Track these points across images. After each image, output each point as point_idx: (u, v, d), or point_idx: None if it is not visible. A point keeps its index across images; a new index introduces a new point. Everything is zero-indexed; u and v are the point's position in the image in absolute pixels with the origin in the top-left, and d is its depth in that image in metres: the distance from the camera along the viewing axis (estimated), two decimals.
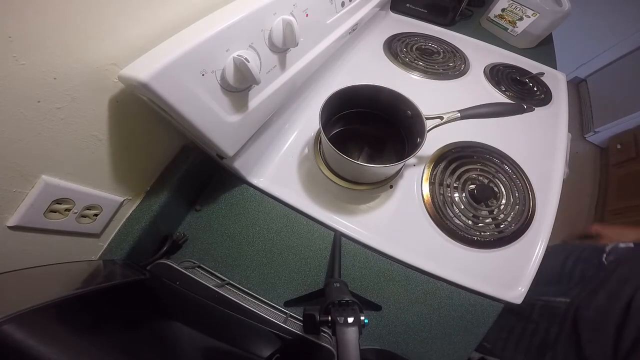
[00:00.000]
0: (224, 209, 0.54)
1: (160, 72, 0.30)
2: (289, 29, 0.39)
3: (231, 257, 0.51)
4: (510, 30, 0.87)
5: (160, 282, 0.41)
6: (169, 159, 0.50)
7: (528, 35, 0.85)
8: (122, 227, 0.45)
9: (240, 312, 0.39)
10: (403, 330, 0.47)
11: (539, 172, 0.59)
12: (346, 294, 0.35)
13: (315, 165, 0.57)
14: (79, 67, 0.30)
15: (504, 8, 0.87)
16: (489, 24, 0.92)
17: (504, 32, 0.89)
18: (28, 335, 0.21)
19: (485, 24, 0.94)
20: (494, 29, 0.91)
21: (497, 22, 0.89)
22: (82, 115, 0.33)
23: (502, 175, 0.57)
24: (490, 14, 0.91)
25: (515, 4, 0.84)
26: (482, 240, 0.51)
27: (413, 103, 0.49)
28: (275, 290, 0.49)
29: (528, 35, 0.86)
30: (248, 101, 0.42)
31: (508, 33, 0.88)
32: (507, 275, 0.49)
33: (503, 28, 0.88)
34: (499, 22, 0.89)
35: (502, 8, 0.87)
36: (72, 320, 0.26)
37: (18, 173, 0.30)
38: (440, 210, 0.53)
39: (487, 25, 0.94)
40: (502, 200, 0.55)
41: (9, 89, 0.26)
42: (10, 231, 0.31)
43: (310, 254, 0.51)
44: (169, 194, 0.47)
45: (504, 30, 0.88)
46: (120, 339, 0.30)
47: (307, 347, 0.38)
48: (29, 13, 0.25)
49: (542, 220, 0.53)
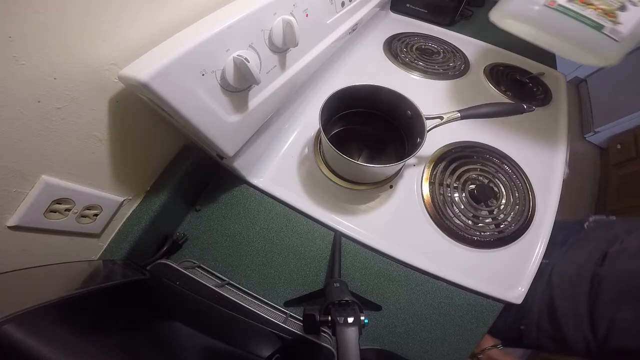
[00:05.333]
0: (224, 209, 0.54)
1: (160, 72, 0.30)
2: (289, 29, 0.39)
3: (231, 257, 0.51)
4: (607, 28, 0.45)
5: (160, 282, 0.41)
6: (169, 159, 0.50)
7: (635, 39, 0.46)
8: (122, 227, 0.45)
9: (240, 312, 0.39)
10: (403, 330, 0.47)
11: (539, 172, 0.59)
12: (346, 294, 0.35)
13: (315, 165, 0.57)
14: (79, 67, 0.30)
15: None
16: (554, 13, 0.48)
17: (592, 33, 0.46)
18: (28, 335, 0.21)
19: (529, 19, 0.50)
20: (567, 22, 0.47)
21: (575, 13, 0.47)
22: (82, 115, 0.33)
23: (502, 175, 0.57)
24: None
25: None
26: (482, 240, 0.51)
27: (413, 103, 0.49)
28: (275, 290, 0.49)
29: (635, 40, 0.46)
30: (248, 101, 0.42)
31: (602, 34, 0.46)
32: (507, 275, 0.49)
33: (592, 24, 0.46)
34: (580, 11, 0.47)
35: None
36: (72, 320, 0.26)
37: (18, 173, 0.30)
38: (440, 210, 0.53)
39: (549, 17, 0.48)
40: (502, 200, 0.55)
41: (9, 89, 0.26)
42: (10, 231, 0.31)
43: (310, 254, 0.51)
44: (169, 194, 0.47)
45: (593, 28, 0.46)
46: (120, 339, 0.30)
47: (307, 347, 0.38)
48: (29, 13, 0.25)
49: (542, 220, 0.53)
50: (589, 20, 0.47)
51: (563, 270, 0.48)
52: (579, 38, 0.48)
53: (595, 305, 0.41)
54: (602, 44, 0.47)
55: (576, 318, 0.43)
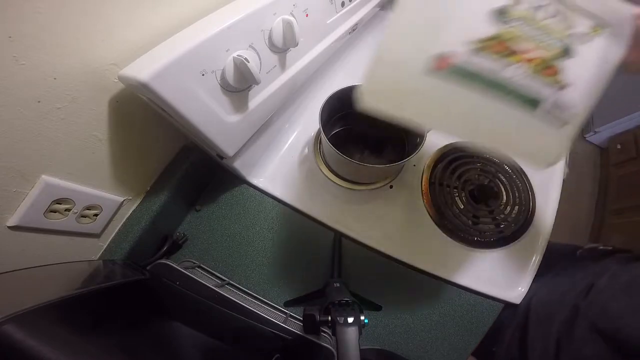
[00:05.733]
0: (224, 209, 0.54)
1: (160, 72, 0.30)
2: (289, 29, 0.39)
3: (231, 257, 0.51)
4: (547, 103, 0.27)
5: (160, 282, 0.41)
6: (169, 159, 0.50)
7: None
8: (122, 227, 0.45)
9: (240, 312, 0.39)
10: (403, 330, 0.47)
11: (539, 172, 0.59)
12: (346, 294, 0.35)
13: (315, 165, 0.57)
14: (79, 67, 0.30)
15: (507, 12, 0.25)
16: (447, 84, 0.26)
17: (520, 117, 0.27)
18: (28, 335, 0.21)
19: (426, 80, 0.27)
20: (473, 98, 0.27)
21: (486, 81, 0.26)
22: (82, 115, 0.33)
23: (502, 175, 0.57)
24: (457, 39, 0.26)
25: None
26: (482, 240, 0.51)
27: None
28: (275, 290, 0.49)
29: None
30: (248, 101, 0.42)
31: (536, 119, 0.27)
32: (507, 275, 0.49)
33: (519, 98, 0.27)
34: (495, 74, 0.26)
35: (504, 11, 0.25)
36: (72, 320, 0.26)
37: (18, 173, 0.30)
38: (440, 210, 0.53)
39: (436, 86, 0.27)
40: (501, 200, 0.55)
41: (9, 89, 0.26)
42: (10, 231, 0.31)
43: (310, 254, 0.51)
44: (169, 194, 0.47)
45: (521, 107, 0.27)
46: (120, 339, 0.30)
47: (307, 347, 0.38)
48: (29, 13, 0.25)
49: (542, 220, 0.53)
50: (512, 93, 0.26)
51: (544, 296, 0.47)
52: (496, 130, 0.28)
53: (565, 337, 0.39)
54: (535, 136, 0.28)
55: (544, 347, 0.41)
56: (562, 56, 0.26)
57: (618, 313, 0.35)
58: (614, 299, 0.37)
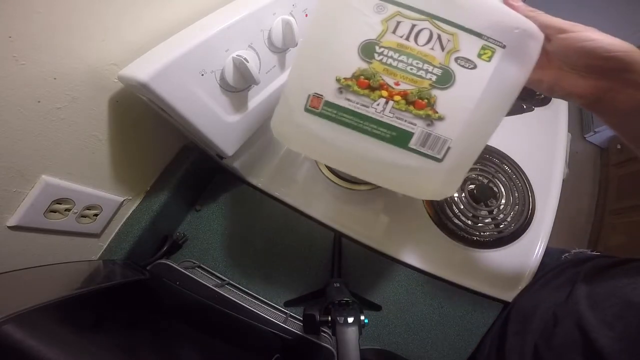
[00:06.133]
0: (224, 209, 0.54)
1: (160, 72, 0.30)
2: (289, 29, 0.39)
3: (231, 257, 0.51)
4: (416, 136, 0.26)
5: (160, 282, 0.41)
6: (169, 159, 0.50)
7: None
8: (122, 227, 0.45)
9: (240, 312, 0.39)
10: (403, 330, 0.47)
11: (539, 172, 0.59)
12: (346, 294, 0.35)
13: (315, 165, 0.57)
14: (79, 67, 0.30)
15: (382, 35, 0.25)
16: (325, 124, 0.27)
17: (392, 154, 0.27)
18: (28, 335, 0.21)
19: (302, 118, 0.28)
20: (347, 135, 0.27)
21: (353, 118, 0.26)
22: (82, 115, 0.33)
23: (501, 175, 0.57)
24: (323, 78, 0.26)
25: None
26: (482, 240, 0.51)
27: None
28: (275, 290, 0.49)
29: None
30: (247, 101, 0.42)
31: (408, 153, 0.27)
32: (507, 275, 0.49)
33: (386, 134, 0.26)
34: (361, 110, 0.26)
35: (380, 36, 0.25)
36: (72, 320, 0.27)
37: (18, 173, 0.30)
38: (440, 210, 0.53)
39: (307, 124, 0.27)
40: (501, 200, 0.55)
41: (9, 89, 0.26)
42: (10, 231, 0.31)
43: (310, 254, 0.51)
44: (169, 194, 0.47)
45: (389, 143, 0.27)
46: (120, 339, 0.30)
47: (307, 347, 0.38)
48: (29, 13, 0.25)
49: (542, 220, 0.53)
50: (382, 128, 0.26)
51: (524, 303, 0.45)
52: (377, 169, 0.28)
53: (541, 347, 0.38)
54: (416, 172, 0.28)
55: (520, 356, 0.39)
56: (436, 86, 0.25)
57: (591, 324, 0.34)
58: (588, 310, 0.36)
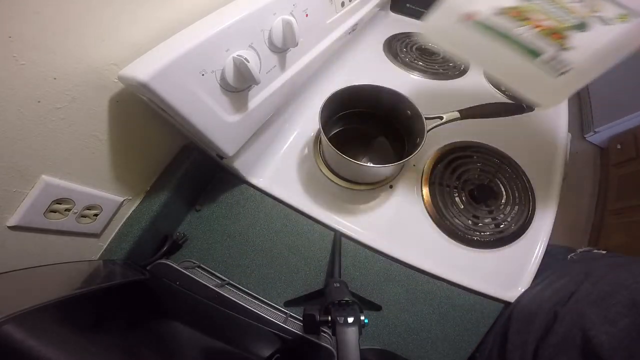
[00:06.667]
0: (224, 209, 0.54)
1: (160, 72, 0.30)
2: (289, 29, 0.39)
3: (231, 257, 0.51)
4: (546, 56, 0.34)
5: (160, 282, 0.41)
6: (169, 159, 0.50)
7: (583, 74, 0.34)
8: (122, 227, 0.45)
9: (240, 312, 0.39)
10: (403, 330, 0.47)
11: (539, 172, 0.59)
12: (346, 294, 0.35)
13: (315, 165, 0.57)
14: (79, 67, 0.30)
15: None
16: (473, 32, 0.38)
17: (521, 62, 0.36)
18: (28, 335, 0.21)
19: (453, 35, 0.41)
20: (490, 44, 0.37)
21: (498, 34, 0.37)
22: (82, 115, 0.33)
23: (502, 175, 0.57)
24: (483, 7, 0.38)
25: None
26: (482, 240, 0.51)
27: (413, 103, 0.49)
28: (275, 290, 0.49)
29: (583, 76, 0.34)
30: (248, 101, 0.42)
31: (533, 65, 0.35)
32: (507, 275, 0.49)
33: (522, 49, 0.35)
34: (507, 30, 0.36)
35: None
36: (72, 320, 0.26)
37: (18, 173, 0.30)
38: (440, 210, 0.53)
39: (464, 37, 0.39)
40: (501, 200, 0.55)
41: (9, 89, 0.26)
42: (10, 231, 0.31)
43: (310, 254, 0.51)
44: (169, 194, 0.47)
45: (523, 55, 0.36)
46: (120, 339, 0.30)
47: (307, 347, 0.38)
48: (29, 13, 0.25)
49: (542, 220, 0.53)
50: (517, 44, 0.34)
51: (526, 302, 0.45)
52: (505, 68, 0.38)
53: (542, 346, 0.38)
54: (534, 79, 0.35)
55: (522, 356, 0.40)
56: (573, 29, 0.33)
57: (591, 321, 0.34)
58: (590, 307, 0.36)
